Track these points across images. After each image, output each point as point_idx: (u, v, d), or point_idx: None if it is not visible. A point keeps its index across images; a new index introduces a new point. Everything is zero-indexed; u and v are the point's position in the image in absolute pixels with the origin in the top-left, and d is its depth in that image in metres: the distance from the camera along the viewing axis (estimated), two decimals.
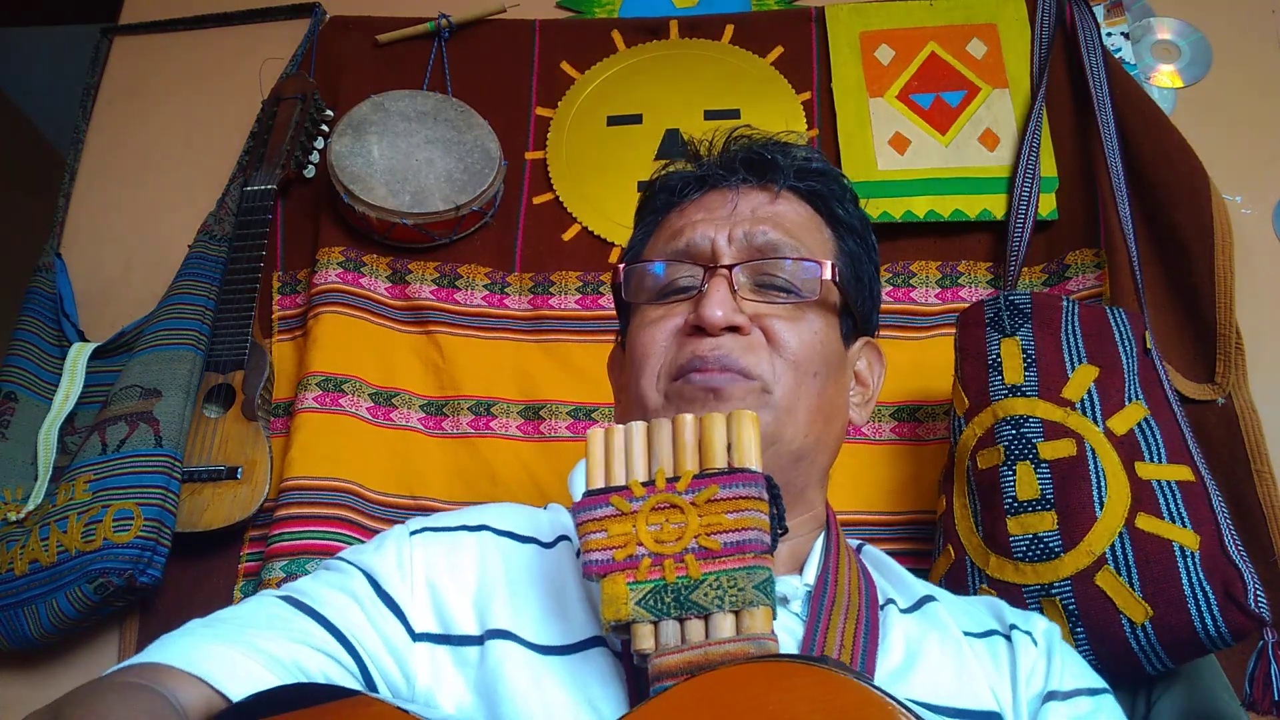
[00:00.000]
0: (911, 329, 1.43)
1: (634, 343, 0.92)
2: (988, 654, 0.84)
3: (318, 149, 1.61)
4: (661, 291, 0.92)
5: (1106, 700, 0.83)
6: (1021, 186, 1.43)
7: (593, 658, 0.77)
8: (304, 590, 0.81)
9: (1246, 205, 1.46)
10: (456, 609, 0.80)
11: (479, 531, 0.87)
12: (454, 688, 0.77)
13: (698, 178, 0.97)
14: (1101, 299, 1.35)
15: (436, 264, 1.52)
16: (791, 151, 0.97)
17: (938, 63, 1.58)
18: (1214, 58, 1.56)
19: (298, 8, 1.78)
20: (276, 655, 0.74)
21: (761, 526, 0.68)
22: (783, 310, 0.88)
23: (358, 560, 0.84)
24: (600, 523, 0.70)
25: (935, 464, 1.30)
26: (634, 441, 0.73)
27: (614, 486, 0.71)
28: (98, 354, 1.49)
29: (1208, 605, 0.97)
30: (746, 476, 0.69)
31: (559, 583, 0.83)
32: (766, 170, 0.95)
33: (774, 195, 0.94)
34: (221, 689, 0.70)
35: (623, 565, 0.68)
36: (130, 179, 1.71)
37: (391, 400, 1.43)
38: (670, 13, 1.71)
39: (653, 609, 0.67)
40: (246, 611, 0.79)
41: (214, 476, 1.35)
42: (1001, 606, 0.91)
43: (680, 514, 0.69)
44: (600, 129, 1.60)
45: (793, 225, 0.92)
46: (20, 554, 1.27)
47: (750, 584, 0.66)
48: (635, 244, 1.01)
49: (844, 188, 0.98)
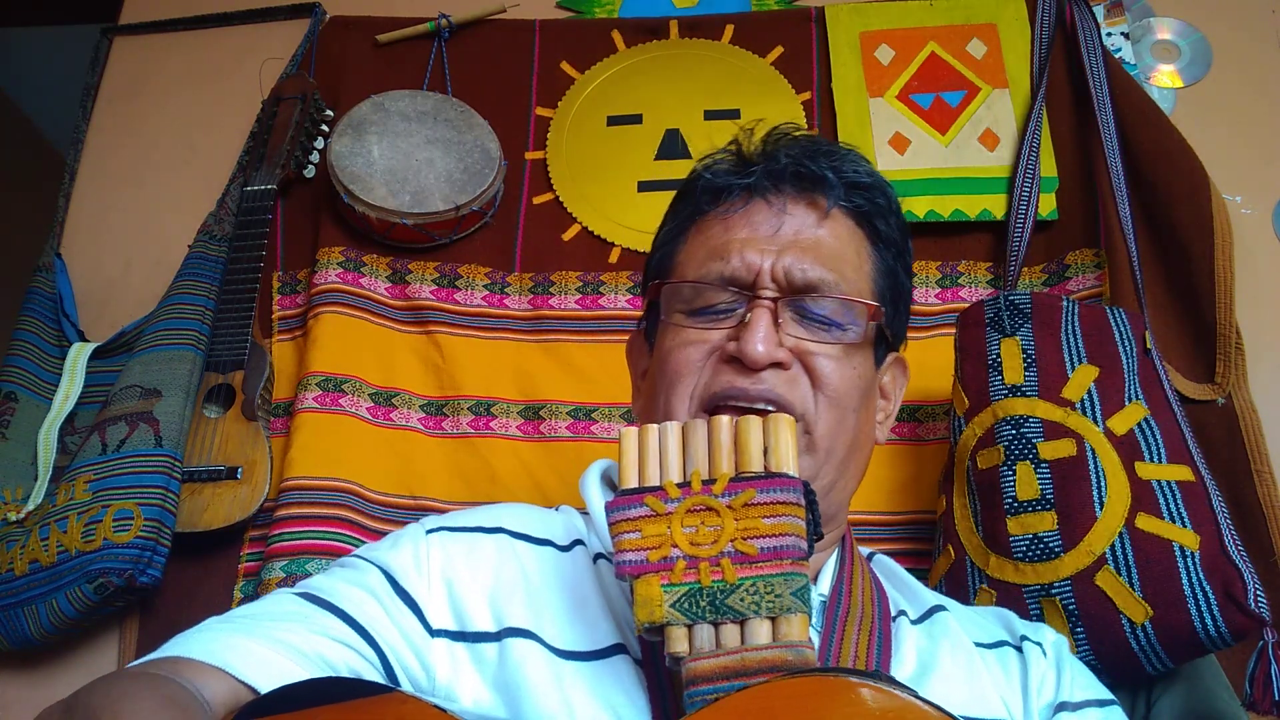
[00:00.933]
0: (911, 329, 1.41)
1: (666, 358, 0.90)
2: (998, 664, 0.85)
3: (318, 149, 1.61)
4: (699, 310, 0.90)
5: (1114, 711, 0.84)
6: (1021, 186, 1.43)
7: (615, 664, 0.77)
8: (320, 586, 0.81)
9: (1246, 205, 1.46)
10: (473, 606, 0.80)
11: (495, 534, 0.86)
12: (472, 684, 0.77)
13: (744, 186, 0.92)
14: (1101, 299, 1.35)
15: (436, 264, 1.52)
16: (841, 163, 0.93)
17: (938, 63, 1.58)
18: (1214, 58, 1.56)
19: (298, 8, 1.78)
20: (299, 647, 0.73)
21: (799, 532, 0.67)
22: (825, 347, 0.87)
23: (373, 557, 0.84)
24: (634, 523, 0.69)
25: (935, 464, 1.30)
26: (669, 442, 0.72)
27: (648, 487, 0.71)
28: (98, 354, 1.49)
29: (1208, 605, 0.97)
30: (784, 481, 0.68)
31: (579, 588, 0.82)
32: (816, 186, 0.92)
33: (821, 214, 0.91)
34: (246, 680, 0.70)
35: (657, 567, 0.68)
36: (130, 179, 1.71)
37: (391, 400, 1.43)
38: (670, 13, 1.71)
39: (687, 612, 0.66)
40: (264, 607, 0.79)
41: (214, 476, 1.35)
42: (1011, 618, 0.91)
43: (716, 517, 0.68)
44: (600, 129, 1.60)
45: (835, 256, 0.90)
46: (20, 554, 1.27)
47: (787, 590, 0.65)
48: (666, 240, 0.98)
49: (889, 199, 0.96)
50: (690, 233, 0.95)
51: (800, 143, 0.95)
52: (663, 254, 0.97)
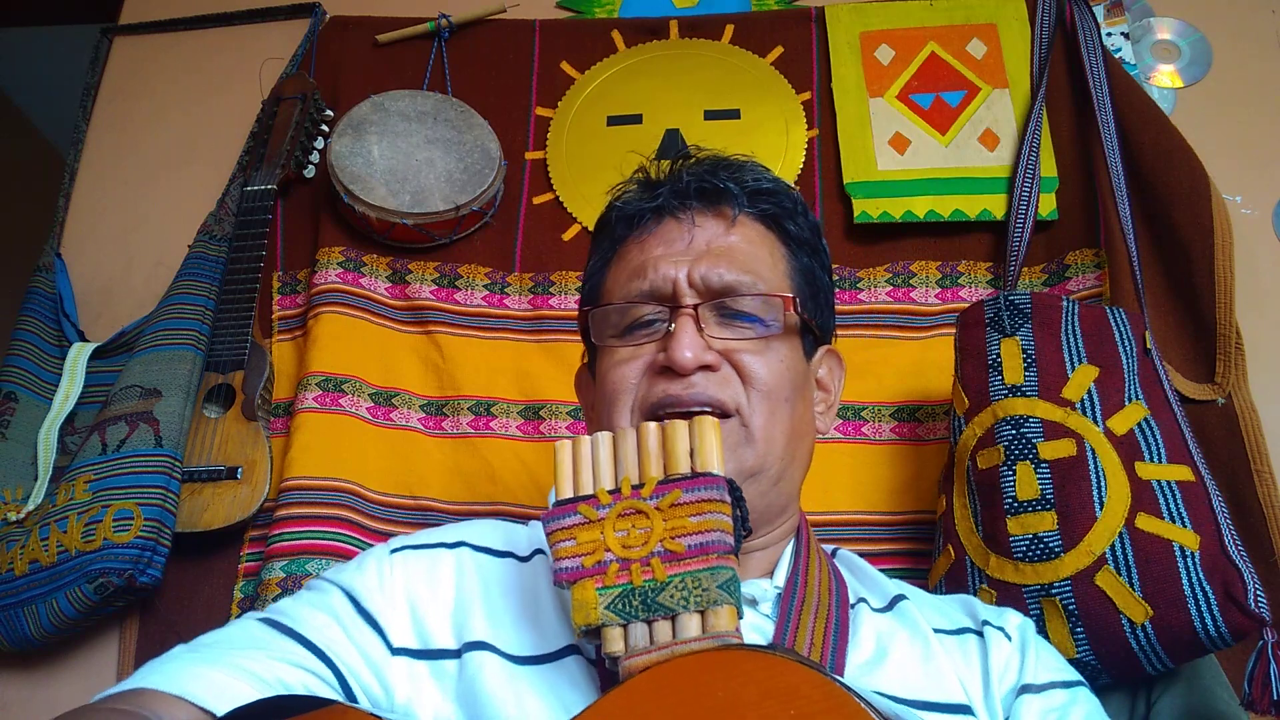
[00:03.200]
0: (911, 329, 1.43)
1: (604, 379, 0.93)
2: (958, 650, 0.87)
3: (318, 149, 1.61)
4: (627, 328, 0.93)
5: (1081, 692, 0.85)
6: (1021, 186, 1.43)
7: (567, 666, 0.79)
8: (284, 611, 0.84)
9: (1246, 205, 1.46)
10: (434, 625, 0.83)
11: (457, 548, 0.90)
12: (432, 699, 0.80)
13: (654, 208, 0.97)
14: (1101, 299, 1.35)
15: (436, 264, 1.52)
16: (741, 174, 0.98)
17: (938, 63, 1.58)
18: (1214, 58, 1.56)
19: (298, 8, 1.78)
20: (259, 674, 0.76)
21: (724, 528, 0.70)
22: (750, 344, 0.90)
23: (338, 580, 0.87)
24: (569, 531, 0.72)
25: (935, 464, 1.30)
26: (600, 451, 0.75)
27: (581, 495, 0.74)
28: (98, 354, 1.49)
29: (1208, 605, 0.97)
30: (708, 480, 0.71)
31: (534, 594, 0.86)
32: (720, 198, 0.96)
33: (729, 223, 0.95)
34: (206, 707, 0.72)
35: (591, 571, 0.71)
36: (130, 179, 1.71)
37: (391, 400, 1.43)
38: (670, 13, 1.71)
39: (621, 612, 0.69)
40: (228, 635, 0.82)
41: (214, 476, 1.35)
42: (975, 604, 0.93)
43: (646, 519, 0.71)
44: (600, 129, 1.60)
45: (748, 257, 0.93)
46: (20, 554, 1.27)
47: (714, 584, 0.68)
48: (593, 273, 1.02)
49: (795, 201, 1.00)
50: (612, 261, 0.99)
51: (703, 162, 1.00)
52: (590, 286, 1.02)
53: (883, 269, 1.45)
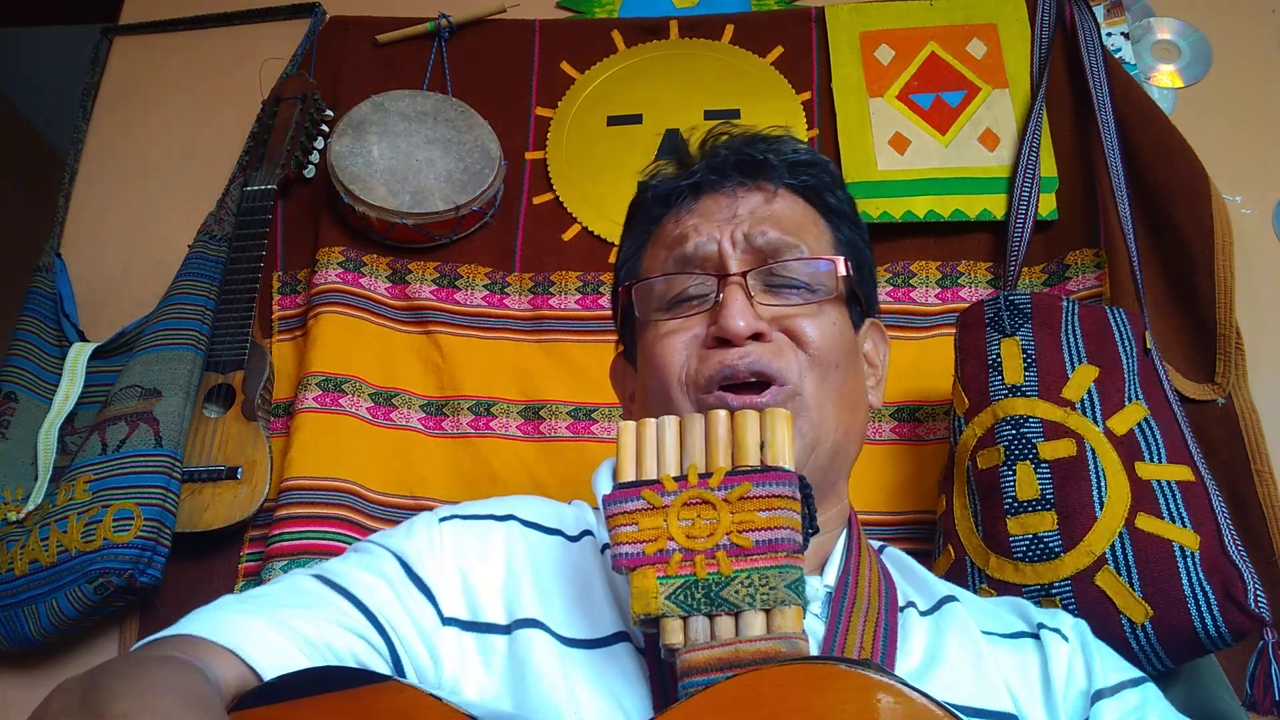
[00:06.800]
0: (911, 329, 1.43)
1: (650, 353, 0.90)
2: (1012, 655, 0.84)
3: (318, 149, 1.61)
4: (672, 301, 0.91)
5: (1150, 688, 0.83)
6: (1021, 186, 1.43)
7: (617, 653, 0.77)
8: (335, 570, 0.81)
9: (1246, 205, 1.46)
10: (485, 598, 0.81)
11: (506, 521, 0.87)
12: (479, 675, 0.77)
13: (692, 185, 0.95)
14: (1101, 299, 1.35)
15: (436, 264, 1.52)
16: (780, 146, 0.96)
17: (938, 63, 1.58)
18: (1214, 58, 1.56)
19: (298, 8, 1.78)
20: (307, 635, 0.74)
21: (794, 526, 0.68)
22: (801, 309, 0.88)
23: (387, 543, 0.84)
24: (631, 515, 0.70)
25: (935, 464, 1.30)
26: (666, 436, 0.73)
27: (645, 480, 0.71)
28: (98, 354, 1.49)
29: (1208, 605, 0.97)
30: (780, 475, 0.69)
31: (585, 577, 0.83)
32: (760, 171, 0.94)
33: (771, 195, 0.93)
34: (253, 664, 0.70)
35: (653, 559, 0.68)
36: (130, 179, 1.71)
37: (391, 400, 1.43)
38: (670, 13, 1.71)
39: (683, 604, 0.67)
40: (280, 589, 0.79)
41: (214, 476, 1.35)
42: (1026, 606, 0.91)
43: (712, 510, 0.69)
44: (600, 129, 1.60)
45: (792, 224, 0.92)
46: (20, 554, 1.27)
47: (782, 583, 0.66)
48: (629, 256, 1.00)
49: (833, 175, 0.99)
50: (649, 241, 0.97)
51: (736, 136, 0.98)
52: (627, 269, 0.99)
53: (883, 269, 1.45)
